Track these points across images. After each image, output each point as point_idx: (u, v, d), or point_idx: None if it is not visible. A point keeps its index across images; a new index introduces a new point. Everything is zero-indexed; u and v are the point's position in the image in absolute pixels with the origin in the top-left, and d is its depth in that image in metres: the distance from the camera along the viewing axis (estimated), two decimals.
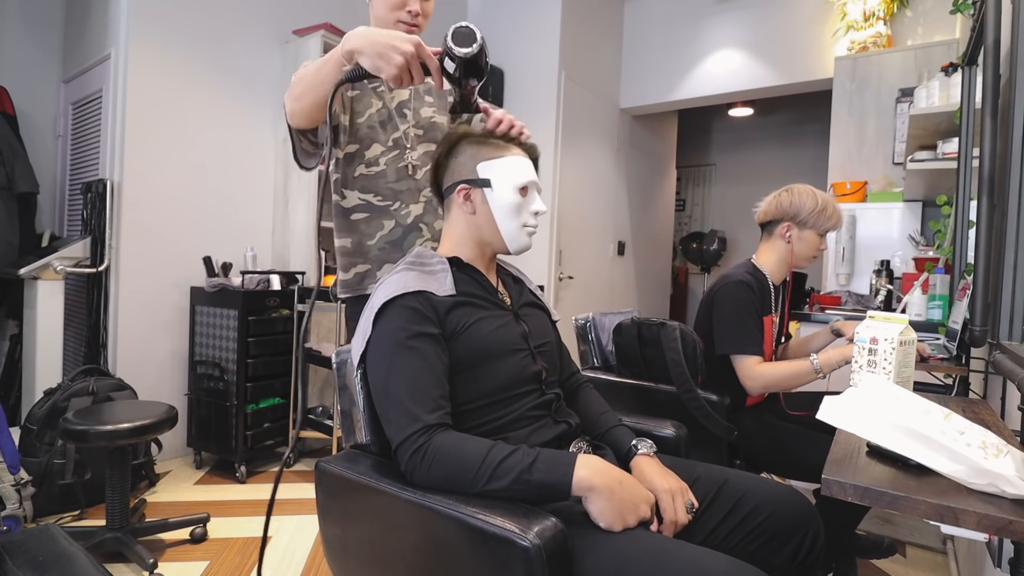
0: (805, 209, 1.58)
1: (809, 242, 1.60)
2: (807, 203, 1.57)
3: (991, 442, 0.64)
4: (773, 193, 1.65)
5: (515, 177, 1.02)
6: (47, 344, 2.33)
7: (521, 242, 1.04)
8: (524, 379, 0.98)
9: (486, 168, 1.02)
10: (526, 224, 1.03)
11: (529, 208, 1.04)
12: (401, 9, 1.22)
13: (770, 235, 1.66)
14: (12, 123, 2.56)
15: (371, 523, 0.91)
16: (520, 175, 1.03)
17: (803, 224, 1.59)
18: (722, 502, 0.94)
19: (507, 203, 1.01)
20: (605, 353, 1.91)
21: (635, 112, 4.35)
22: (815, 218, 1.57)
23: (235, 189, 2.78)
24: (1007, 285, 1.02)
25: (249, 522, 2.04)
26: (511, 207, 1.01)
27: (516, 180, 1.02)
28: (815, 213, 1.57)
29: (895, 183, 2.82)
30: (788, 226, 1.61)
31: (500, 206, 1.01)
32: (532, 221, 1.04)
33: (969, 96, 1.66)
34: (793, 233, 1.61)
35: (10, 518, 1.77)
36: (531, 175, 1.04)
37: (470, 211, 1.03)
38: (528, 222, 1.04)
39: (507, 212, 1.02)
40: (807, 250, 1.62)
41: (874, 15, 3.10)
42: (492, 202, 1.02)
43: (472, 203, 1.03)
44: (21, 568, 0.75)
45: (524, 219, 1.03)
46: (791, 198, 1.60)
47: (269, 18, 2.89)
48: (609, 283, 4.30)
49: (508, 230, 1.02)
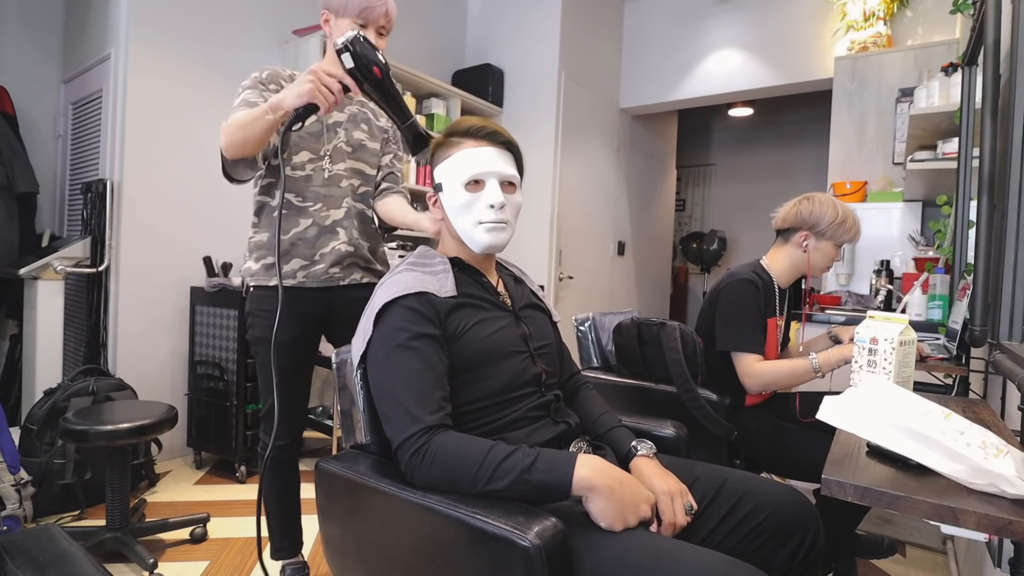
0: (825, 220, 1.54)
1: (825, 253, 1.58)
2: (828, 214, 1.54)
3: (991, 442, 0.64)
4: (793, 200, 1.62)
5: (460, 173, 0.97)
6: (47, 344, 2.33)
7: (479, 240, 0.97)
8: (524, 381, 0.98)
9: (440, 171, 1.01)
10: (481, 221, 0.96)
11: (481, 203, 0.96)
12: None
13: (785, 241, 1.63)
14: (12, 123, 2.56)
15: (371, 523, 0.91)
16: (466, 169, 0.96)
17: (821, 235, 1.56)
18: (722, 502, 0.94)
19: (456, 202, 0.98)
20: (605, 353, 1.91)
21: (635, 112, 4.35)
22: (834, 229, 1.55)
23: (235, 189, 2.76)
24: (1007, 285, 1.02)
25: (249, 522, 2.04)
26: (460, 206, 0.98)
27: (462, 176, 0.96)
28: (835, 225, 1.54)
29: (895, 183, 2.82)
30: (806, 235, 1.58)
31: (451, 207, 0.99)
32: (488, 216, 0.96)
33: (969, 96, 1.66)
34: (810, 243, 1.58)
35: (10, 518, 1.77)
36: (481, 166, 0.96)
37: (439, 216, 1.03)
38: (483, 218, 0.96)
39: (457, 211, 0.98)
40: (822, 261, 1.59)
41: (874, 15, 3.10)
42: (446, 205, 1.00)
43: (439, 208, 1.03)
44: (21, 568, 0.75)
45: (477, 215, 0.96)
46: (812, 207, 1.56)
47: (269, 18, 2.89)
48: (609, 283, 4.30)
49: (464, 230, 0.99)
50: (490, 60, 3.81)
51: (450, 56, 3.89)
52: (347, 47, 1.07)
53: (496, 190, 0.97)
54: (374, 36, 1.38)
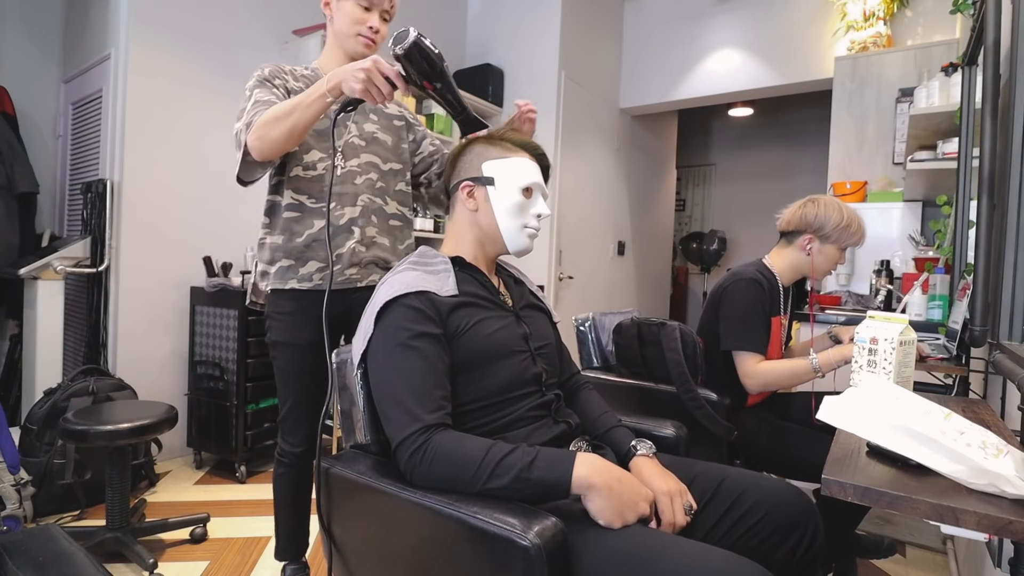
0: (830, 223, 1.54)
1: (829, 256, 1.58)
2: (832, 217, 1.54)
3: (991, 442, 0.64)
4: (798, 202, 1.61)
5: (520, 178, 1.03)
6: (47, 344, 2.33)
7: (521, 243, 1.05)
8: (524, 380, 0.98)
9: (491, 167, 1.03)
10: (527, 225, 1.04)
11: (531, 210, 1.04)
12: (362, 24, 1.35)
13: (789, 243, 1.63)
14: (12, 123, 2.56)
15: (371, 523, 0.91)
16: (525, 176, 1.03)
17: (826, 238, 1.56)
18: (721, 499, 0.94)
19: (509, 202, 1.02)
20: (605, 353, 1.91)
21: (635, 112, 4.35)
22: (839, 233, 1.54)
23: (235, 189, 2.75)
24: (1007, 285, 1.02)
25: (249, 522, 2.04)
26: (513, 206, 1.02)
27: (520, 181, 1.03)
28: (839, 228, 1.53)
29: (895, 183, 2.82)
30: (810, 239, 1.57)
31: (502, 204, 1.02)
32: (534, 223, 1.05)
33: (969, 96, 1.66)
34: (815, 246, 1.57)
35: (10, 518, 1.77)
36: (536, 177, 1.05)
37: (472, 208, 1.04)
38: (529, 223, 1.04)
39: (509, 211, 1.02)
40: (826, 264, 1.59)
41: (874, 15, 3.10)
42: (494, 200, 1.02)
43: (475, 200, 1.03)
44: (21, 568, 0.75)
45: (526, 220, 1.04)
46: (816, 210, 1.56)
47: (269, 18, 2.89)
48: (609, 283, 4.30)
49: (509, 229, 1.03)
50: (490, 60, 3.81)
51: (450, 56, 3.85)
52: (409, 54, 1.01)
53: (544, 203, 1.06)
54: (378, 21, 1.36)
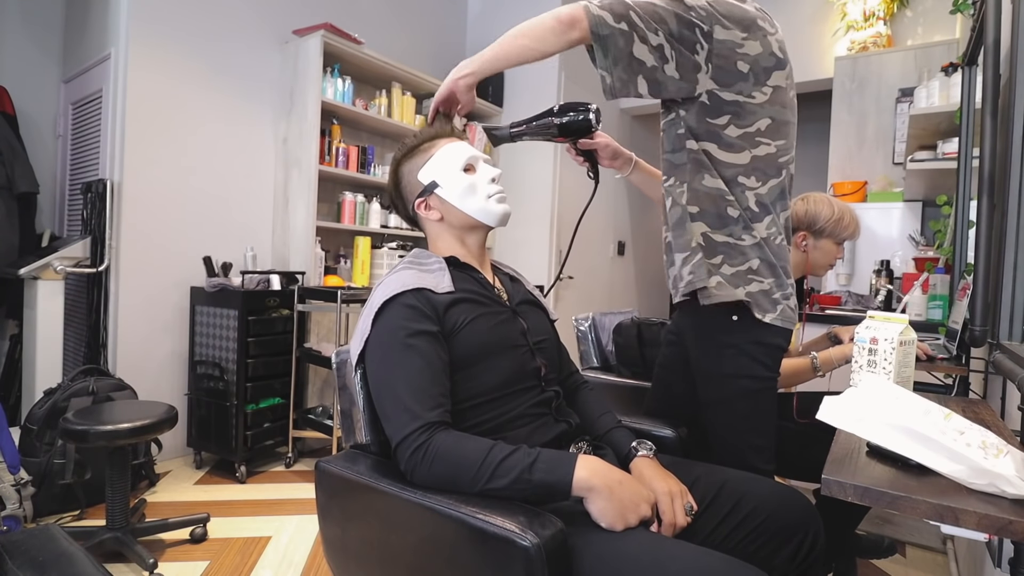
0: (821, 218, 1.55)
1: (826, 251, 1.58)
2: (823, 212, 1.55)
3: (991, 442, 0.64)
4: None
5: (454, 163, 1.03)
6: (47, 344, 2.33)
7: (494, 211, 1.04)
8: (524, 375, 0.98)
9: (425, 172, 1.04)
10: (489, 194, 1.03)
11: (483, 179, 1.04)
12: None
13: None
14: (12, 123, 2.56)
15: (371, 523, 0.91)
16: (457, 158, 1.03)
17: (820, 233, 1.56)
18: (722, 502, 0.94)
19: (460, 187, 1.02)
20: (605, 353, 1.91)
21: (635, 112, 4.35)
22: (832, 227, 1.55)
23: (235, 189, 2.78)
24: (1007, 285, 1.02)
25: (249, 522, 2.04)
26: (466, 188, 1.02)
27: (456, 165, 1.03)
28: (832, 222, 1.54)
29: (895, 183, 2.82)
30: (804, 235, 1.58)
31: (455, 193, 1.02)
32: (493, 188, 1.04)
33: (969, 96, 1.66)
34: (810, 242, 1.58)
35: (10, 518, 1.77)
36: (467, 152, 1.04)
37: (436, 217, 1.04)
38: (490, 191, 1.04)
39: (464, 193, 1.02)
40: (824, 259, 1.59)
41: (874, 15, 3.10)
42: (448, 195, 1.02)
43: (434, 208, 1.04)
44: (21, 568, 0.75)
45: (485, 190, 1.03)
46: (807, 207, 1.57)
47: (269, 18, 2.89)
48: (609, 283, 4.30)
49: (475, 208, 1.03)
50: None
51: (450, 56, 3.89)
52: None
53: (489, 167, 1.06)
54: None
